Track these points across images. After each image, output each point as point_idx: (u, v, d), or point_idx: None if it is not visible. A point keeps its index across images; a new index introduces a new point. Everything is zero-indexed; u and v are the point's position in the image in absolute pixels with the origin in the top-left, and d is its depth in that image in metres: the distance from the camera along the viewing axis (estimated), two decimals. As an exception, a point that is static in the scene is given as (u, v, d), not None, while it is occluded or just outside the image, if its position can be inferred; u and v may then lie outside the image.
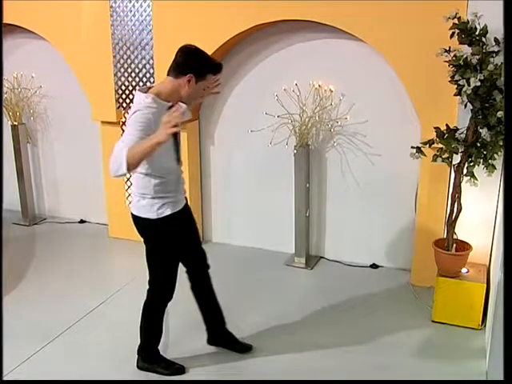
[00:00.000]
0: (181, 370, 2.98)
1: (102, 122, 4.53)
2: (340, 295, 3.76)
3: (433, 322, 3.39)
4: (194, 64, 2.50)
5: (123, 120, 4.46)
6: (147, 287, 2.85)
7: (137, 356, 2.99)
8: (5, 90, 4.90)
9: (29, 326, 3.39)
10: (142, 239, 2.76)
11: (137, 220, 2.69)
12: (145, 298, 2.88)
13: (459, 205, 3.30)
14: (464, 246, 3.39)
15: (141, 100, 2.46)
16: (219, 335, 3.13)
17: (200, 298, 3.05)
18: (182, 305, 3.01)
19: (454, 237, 3.37)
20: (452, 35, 3.07)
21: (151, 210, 2.62)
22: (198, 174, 4.56)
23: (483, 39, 3.02)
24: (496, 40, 2.98)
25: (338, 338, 3.25)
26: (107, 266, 4.40)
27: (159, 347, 2.99)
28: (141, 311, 2.90)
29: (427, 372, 2.94)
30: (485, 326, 3.30)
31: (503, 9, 2.30)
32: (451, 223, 3.34)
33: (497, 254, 3.11)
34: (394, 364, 3.01)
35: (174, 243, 2.75)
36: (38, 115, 5.12)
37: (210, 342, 3.15)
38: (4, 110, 4.94)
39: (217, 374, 2.95)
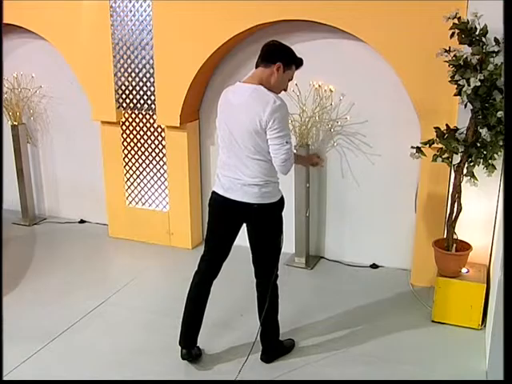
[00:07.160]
0: (293, 343, 3.16)
1: (102, 122, 4.53)
2: (340, 295, 3.76)
3: (433, 321, 3.39)
4: (282, 54, 2.72)
5: (123, 120, 4.47)
6: (258, 280, 2.98)
7: (270, 352, 3.02)
8: (5, 90, 4.90)
9: (29, 326, 3.39)
10: (260, 229, 2.83)
11: (263, 208, 2.75)
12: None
13: (459, 205, 3.30)
14: (464, 246, 3.38)
15: (269, 93, 2.61)
16: None
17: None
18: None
19: (454, 237, 3.37)
20: (452, 35, 3.07)
21: (277, 194, 2.80)
22: (198, 174, 4.55)
23: (483, 39, 3.02)
24: (496, 40, 2.98)
25: (338, 339, 3.25)
26: (107, 265, 4.40)
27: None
28: (266, 307, 2.93)
29: (427, 372, 2.94)
30: (485, 325, 3.30)
31: (503, 9, 2.30)
32: (451, 223, 3.34)
33: (497, 254, 3.10)
34: (393, 364, 3.01)
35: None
36: (38, 115, 5.11)
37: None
38: (4, 109, 4.93)
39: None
